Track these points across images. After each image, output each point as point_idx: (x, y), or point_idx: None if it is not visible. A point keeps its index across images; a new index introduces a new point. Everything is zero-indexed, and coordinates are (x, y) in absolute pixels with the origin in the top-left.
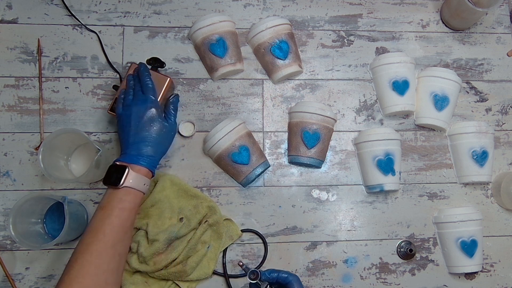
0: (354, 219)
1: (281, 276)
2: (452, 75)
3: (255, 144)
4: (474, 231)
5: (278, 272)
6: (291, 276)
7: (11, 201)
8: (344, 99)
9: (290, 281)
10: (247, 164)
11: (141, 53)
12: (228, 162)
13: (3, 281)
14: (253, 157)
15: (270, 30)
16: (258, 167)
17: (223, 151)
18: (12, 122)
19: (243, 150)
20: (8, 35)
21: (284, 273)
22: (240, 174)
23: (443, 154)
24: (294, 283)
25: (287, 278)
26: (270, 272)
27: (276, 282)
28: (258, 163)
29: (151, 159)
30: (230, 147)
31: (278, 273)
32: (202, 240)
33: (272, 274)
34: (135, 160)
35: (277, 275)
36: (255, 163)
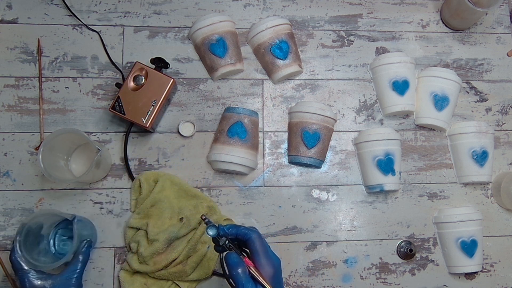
0: (354, 219)
1: (241, 231)
2: (452, 75)
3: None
4: (474, 231)
5: (238, 228)
6: (251, 232)
7: (11, 201)
8: (344, 99)
9: (250, 237)
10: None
11: (141, 53)
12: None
13: (3, 281)
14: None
15: (270, 30)
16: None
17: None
18: (12, 122)
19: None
20: (8, 35)
21: (243, 229)
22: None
23: (443, 154)
24: (254, 240)
25: (246, 234)
26: (229, 227)
27: (236, 239)
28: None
29: None
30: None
31: (238, 229)
32: (202, 240)
33: (231, 229)
34: None
35: (236, 231)
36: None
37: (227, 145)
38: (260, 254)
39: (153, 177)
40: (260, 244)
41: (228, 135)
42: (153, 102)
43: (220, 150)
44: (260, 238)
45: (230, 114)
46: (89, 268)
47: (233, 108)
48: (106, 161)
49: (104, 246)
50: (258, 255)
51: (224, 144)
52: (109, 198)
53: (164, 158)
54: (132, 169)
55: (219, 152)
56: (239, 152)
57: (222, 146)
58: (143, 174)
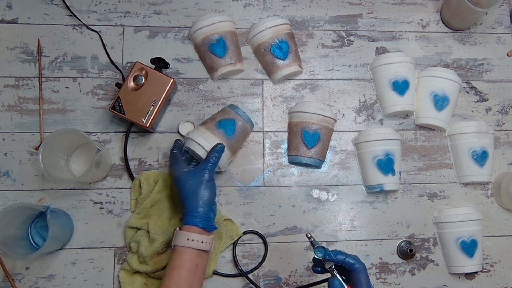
0: (354, 219)
1: (348, 261)
2: (452, 75)
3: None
4: (474, 231)
5: (346, 256)
6: (358, 263)
7: (11, 201)
8: (344, 99)
9: (357, 269)
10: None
11: (141, 53)
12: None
13: (3, 281)
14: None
15: (270, 30)
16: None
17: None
18: (12, 122)
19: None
20: (8, 35)
21: (351, 258)
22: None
23: (443, 154)
24: (361, 272)
25: (353, 264)
26: (336, 253)
27: (341, 266)
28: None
29: (195, 215)
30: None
31: (345, 257)
32: None
33: (339, 256)
34: (185, 220)
35: (343, 259)
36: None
37: (210, 132)
38: (364, 287)
39: (153, 177)
40: (365, 277)
41: (216, 125)
42: (153, 102)
43: (201, 132)
44: (365, 271)
45: (229, 110)
46: (89, 268)
47: (235, 106)
48: (106, 161)
49: (104, 246)
50: (362, 287)
51: (208, 130)
52: (109, 198)
53: (164, 158)
54: (132, 169)
55: (199, 133)
56: (216, 140)
57: (204, 130)
58: (143, 174)
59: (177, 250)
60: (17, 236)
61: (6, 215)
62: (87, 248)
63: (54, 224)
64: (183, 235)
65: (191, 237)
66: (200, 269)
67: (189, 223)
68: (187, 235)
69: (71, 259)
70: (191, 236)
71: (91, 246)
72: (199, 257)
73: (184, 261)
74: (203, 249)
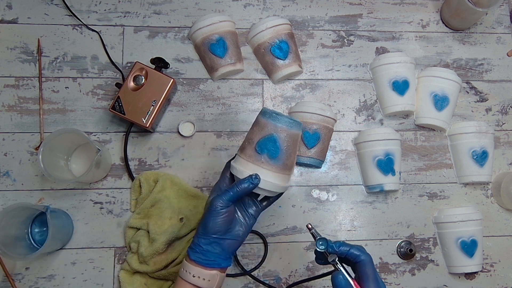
0: (354, 219)
1: (352, 252)
2: (452, 75)
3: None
4: (474, 231)
5: (350, 247)
6: (364, 254)
7: (11, 201)
8: (344, 99)
9: (362, 261)
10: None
11: (141, 53)
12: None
13: (3, 281)
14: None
15: (270, 30)
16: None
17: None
18: (12, 122)
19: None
20: (8, 35)
21: (356, 250)
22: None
23: (443, 154)
24: (366, 264)
25: (358, 256)
26: (339, 245)
27: (345, 258)
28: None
29: (192, 246)
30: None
31: (350, 248)
32: None
33: (342, 247)
34: (188, 248)
35: (347, 250)
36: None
37: (253, 163)
38: (370, 280)
39: (153, 177)
40: (371, 269)
41: (256, 150)
42: (153, 102)
43: (244, 166)
44: (372, 263)
45: (265, 122)
46: (89, 268)
47: (271, 113)
48: (106, 161)
49: (104, 246)
50: (368, 281)
51: (249, 161)
52: (109, 198)
53: (164, 158)
54: (132, 169)
55: (242, 169)
56: (265, 174)
57: (246, 162)
58: (143, 174)
59: (177, 280)
60: (17, 236)
61: (6, 215)
62: (87, 248)
63: (54, 224)
64: (183, 265)
65: (185, 268)
66: None
67: (187, 253)
68: (185, 265)
69: (71, 259)
70: (186, 267)
71: (91, 246)
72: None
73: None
74: (199, 285)
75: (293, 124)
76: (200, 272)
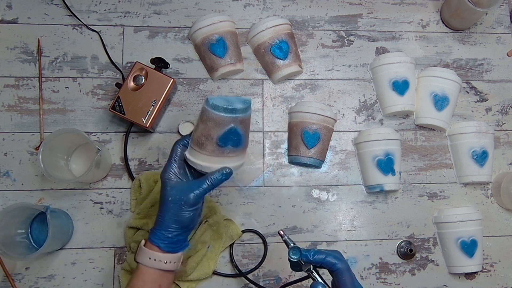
0: (354, 219)
1: (328, 261)
2: (452, 75)
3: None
4: (474, 231)
5: (326, 255)
6: (340, 262)
7: (11, 201)
8: (344, 99)
9: (339, 269)
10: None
11: (141, 53)
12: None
13: (3, 281)
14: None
15: (270, 30)
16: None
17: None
18: (12, 122)
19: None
20: (8, 35)
21: (332, 258)
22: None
23: (443, 154)
24: (343, 272)
25: (334, 265)
26: (314, 253)
27: (320, 266)
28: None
29: (161, 236)
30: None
31: (325, 257)
32: (202, 240)
33: (317, 256)
34: (150, 236)
35: (322, 259)
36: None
37: (217, 157)
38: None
39: (153, 177)
40: (349, 277)
41: (219, 145)
42: (153, 102)
43: (208, 161)
44: (349, 271)
45: (222, 117)
46: (89, 268)
47: (225, 108)
48: (106, 161)
49: (104, 246)
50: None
51: (213, 155)
52: (109, 198)
53: (164, 158)
54: (132, 169)
55: (208, 164)
56: (232, 162)
57: (210, 157)
58: (143, 174)
59: (139, 268)
60: (17, 236)
61: (6, 215)
62: (87, 248)
63: (54, 224)
64: (146, 254)
65: (153, 257)
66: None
67: (153, 242)
68: (149, 253)
69: (71, 259)
70: (153, 255)
71: (91, 246)
72: (162, 277)
73: (146, 282)
74: (167, 269)
75: (247, 108)
76: (170, 258)
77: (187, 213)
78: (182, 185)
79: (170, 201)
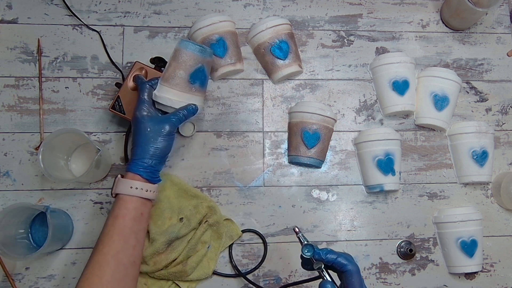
0: (354, 219)
1: (339, 261)
2: (452, 75)
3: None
4: (474, 231)
5: (337, 256)
6: (350, 264)
7: (11, 201)
8: (344, 99)
9: (349, 271)
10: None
11: (141, 53)
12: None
13: (3, 281)
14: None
15: (270, 30)
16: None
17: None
18: (12, 122)
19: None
20: (8, 35)
21: (343, 259)
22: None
23: (443, 154)
24: (353, 274)
25: (345, 265)
26: (326, 252)
27: (331, 266)
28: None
29: (141, 164)
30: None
31: (337, 257)
32: (202, 240)
33: (330, 255)
34: (129, 167)
35: (334, 259)
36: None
37: (186, 93)
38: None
39: None
40: (358, 280)
41: (190, 82)
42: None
43: (178, 96)
44: (359, 273)
45: (194, 55)
46: None
47: (197, 46)
48: (106, 161)
49: None
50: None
51: (183, 91)
52: (109, 198)
53: None
54: None
55: (177, 99)
56: (198, 101)
57: (180, 92)
58: None
59: (120, 198)
60: (17, 236)
61: (6, 215)
62: (87, 248)
63: (54, 224)
64: (126, 183)
65: (134, 185)
66: (144, 218)
67: (133, 171)
68: (130, 183)
69: (71, 259)
70: (134, 184)
71: (91, 246)
72: (143, 206)
73: (129, 210)
74: (147, 197)
75: (212, 53)
76: (151, 187)
77: (165, 142)
78: (158, 118)
79: (149, 132)
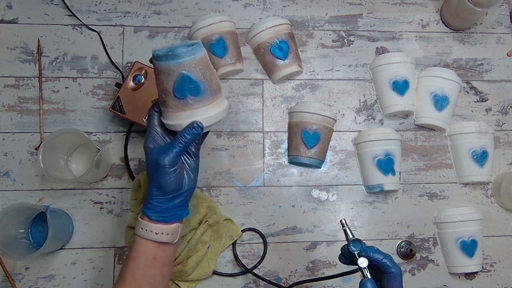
0: (354, 219)
1: (384, 262)
2: (452, 75)
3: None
4: (474, 231)
5: (383, 257)
6: (394, 267)
7: (11, 201)
8: (344, 99)
9: (392, 273)
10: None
11: (141, 53)
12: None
13: (3, 281)
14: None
15: (270, 30)
16: None
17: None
18: (12, 122)
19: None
20: (8, 35)
21: (388, 261)
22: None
23: (443, 154)
24: (396, 277)
25: (390, 268)
26: (374, 251)
27: (374, 266)
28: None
29: (148, 205)
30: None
31: (383, 258)
32: (202, 240)
33: (376, 255)
34: (142, 207)
35: (380, 259)
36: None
37: (183, 111)
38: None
39: None
40: (399, 284)
41: (178, 97)
42: (153, 101)
43: (176, 118)
44: (401, 277)
45: (166, 66)
46: (89, 268)
47: (165, 54)
48: (106, 161)
49: (104, 246)
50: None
51: (178, 110)
52: (109, 198)
53: None
54: (132, 169)
55: (177, 122)
56: (201, 113)
57: (176, 113)
58: (143, 174)
59: (135, 239)
60: (17, 236)
61: (6, 215)
62: (87, 248)
63: (54, 224)
64: (139, 224)
65: (144, 227)
66: (159, 262)
67: (144, 212)
68: (141, 223)
69: (71, 259)
70: (145, 225)
71: (91, 246)
72: (155, 249)
73: (139, 253)
74: (161, 241)
75: (194, 50)
76: (163, 229)
77: (166, 177)
78: (158, 150)
79: (150, 168)
